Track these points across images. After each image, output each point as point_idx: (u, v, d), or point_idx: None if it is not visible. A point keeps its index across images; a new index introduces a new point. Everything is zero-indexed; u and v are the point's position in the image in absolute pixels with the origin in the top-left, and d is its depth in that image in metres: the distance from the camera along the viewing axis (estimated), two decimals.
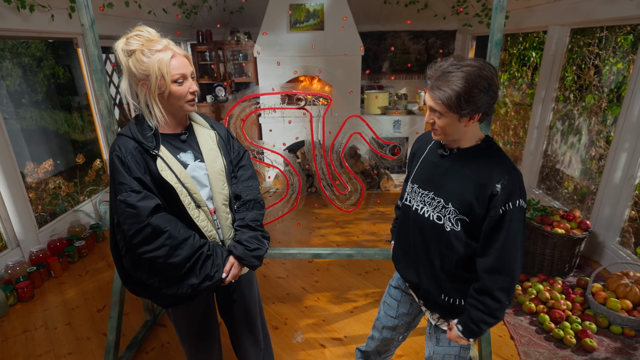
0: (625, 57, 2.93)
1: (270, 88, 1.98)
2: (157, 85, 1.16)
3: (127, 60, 1.16)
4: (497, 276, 1.10)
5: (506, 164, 1.11)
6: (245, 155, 1.48)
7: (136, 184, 1.15)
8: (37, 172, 3.36)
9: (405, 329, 1.53)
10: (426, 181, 1.24)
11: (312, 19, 4.25)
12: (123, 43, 1.16)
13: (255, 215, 1.38)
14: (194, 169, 1.27)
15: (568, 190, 3.59)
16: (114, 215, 1.20)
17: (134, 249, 1.17)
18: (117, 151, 1.16)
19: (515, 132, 4.57)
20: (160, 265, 1.18)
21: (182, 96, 1.20)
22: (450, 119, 1.09)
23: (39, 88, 3.61)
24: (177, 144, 1.28)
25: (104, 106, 1.77)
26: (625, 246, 2.79)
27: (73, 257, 3.06)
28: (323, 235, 3.45)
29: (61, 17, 2.98)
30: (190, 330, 1.43)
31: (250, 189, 1.41)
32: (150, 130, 1.21)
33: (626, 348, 2.11)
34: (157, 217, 1.15)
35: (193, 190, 1.23)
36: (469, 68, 1.03)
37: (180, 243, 1.17)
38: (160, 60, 1.13)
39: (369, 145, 2.11)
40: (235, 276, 1.31)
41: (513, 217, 1.07)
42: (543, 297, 2.44)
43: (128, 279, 1.30)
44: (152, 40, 1.16)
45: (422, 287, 1.28)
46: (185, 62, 1.19)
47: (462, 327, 1.20)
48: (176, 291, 1.22)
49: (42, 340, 2.24)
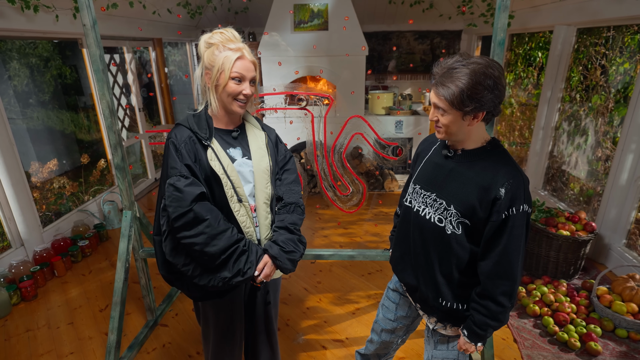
0: (632, 57, 2.88)
1: (272, 88, 1.98)
2: (216, 76, 1.24)
3: (205, 51, 1.27)
4: (499, 280, 1.09)
5: (511, 168, 1.09)
6: (291, 160, 1.53)
7: (186, 170, 1.22)
8: (42, 171, 3.39)
9: (404, 332, 1.52)
10: (428, 182, 1.22)
11: (317, 19, 4.25)
12: (208, 36, 1.27)
13: (295, 218, 1.41)
14: (240, 164, 1.33)
15: (574, 192, 3.54)
16: (161, 199, 1.27)
17: (174, 232, 1.22)
18: (173, 138, 1.25)
19: (521, 133, 4.53)
20: (197, 253, 1.22)
21: (234, 94, 1.26)
22: (453, 116, 1.07)
23: (46, 88, 3.64)
24: (229, 139, 1.35)
25: (105, 106, 1.77)
26: (632, 248, 2.75)
27: (77, 257, 3.07)
28: (326, 236, 3.44)
29: (66, 18, 3.00)
30: (218, 328, 1.45)
31: (292, 192, 1.45)
32: (206, 123, 1.30)
33: (632, 352, 2.08)
34: (200, 205, 1.20)
35: (237, 183, 1.29)
36: (474, 65, 1.02)
37: (218, 233, 1.21)
38: (227, 57, 1.23)
39: (371, 146, 2.10)
40: (268, 276, 1.33)
41: (516, 223, 1.05)
42: (547, 299, 2.41)
43: (165, 266, 1.35)
44: (231, 40, 1.26)
45: (420, 290, 1.26)
46: (249, 66, 1.27)
47: (467, 331, 1.18)
48: (208, 283, 1.26)
49: (45, 340, 2.25)
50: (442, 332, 1.30)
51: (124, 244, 1.94)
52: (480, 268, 1.13)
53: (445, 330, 1.29)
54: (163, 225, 1.26)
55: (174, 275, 1.35)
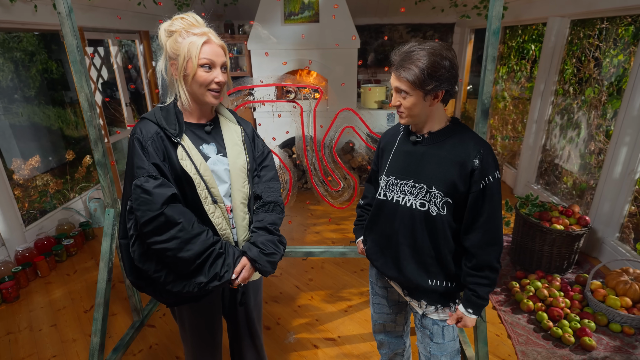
0: (626, 49, 2.85)
1: (259, 80, 1.90)
2: (183, 66, 1.14)
3: (167, 40, 1.17)
4: (490, 248, 1.15)
5: (477, 139, 1.17)
6: (269, 156, 1.44)
7: (154, 170, 1.11)
8: (24, 168, 3.28)
9: (405, 318, 1.52)
10: (403, 171, 1.24)
11: (307, 11, 4.16)
12: (168, 24, 1.17)
13: (274, 218, 1.34)
14: (215, 162, 1.23)
15: (567, 186, 3.53)
16: (127, 200, 1.16)
17: (144, 238, 1.12)
18: (138, 134, 1.14)
19: (514, 127, 4.51)
20: (169, 258, 1.13)
21: (205, 83, 1.16)
22: (415, 97, 1.11)
23: (32, 83, 3.52)
24: (201, 134, 1.24)
25: (84, 99, 1.69)
26: (625, 242, 2.73)
27: (61, 256, 2.98)
28: (318, 232, 3.39)
29: (45, 8, 2.88)
30: (195, 331, 1.38)
31: (271, 191, 1.37)
32: (175, 117, 1.18)
33: (625, 346, 2.06)
34: (172, 207, 1.11)
35: (211, 184, 1.20)
36: (430, 48, 1.09)
37: (192, 237, 1.12)
38: (192, 42, 1.13)
39: (363, 140, 2.04)
40: (246, 279, 1.25)
41: (494, 190, 1.13)
42: (541, 294, 2.39)
43: (133, 271, 1.24)
44: (194, 25, 1.17)
45: (406, 278, 1.26)
46: (218, 51, 1.17)
47: (472, 308, 1.21)
48: (182, 289, 1.17)
49: (26, 343, 2.17)
50: (433, 316, 1.30)
51: (107, 243, 1.87)
52: (469, 241, 1.17)
53: (436, 313, 1.29)
54: (130, 229, 1.16)
55: (145, 282, 1.25)
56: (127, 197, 1.16)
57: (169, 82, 1.21)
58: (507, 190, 4.28)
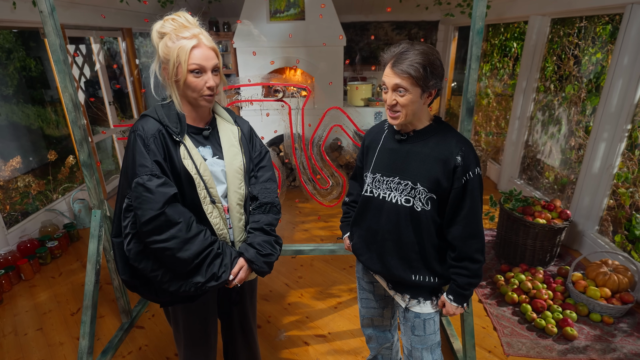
0: (604, 47, 2.94)
1: (246, 79, 1.90)
2: (174, 71, 1.13)
3: (158, 42, 1.15)
4: (471, 240, 1.20)
5: (459, 137, 1.21)
6: (266, 156, 1.43)
7: (157, 168, 1.10)
8: (4, 169, 3.20)
9: (391, 312, 1.56)
10: (388, 168, 1.26)
11: (293, 9, 4.15)
12: (159, 25, 1.15)
13: (271, 219, 1.34)
14: (211, 164, 1.23)
15: (549, 180, 3.62)
16: (123, 198, 1.13)
17: (143, 237, 1.11)
18: (140, 131, 1.12)
19: (497, 123, 4.59)
20: (167, 258, 1.12)
21: (198, 89, 1.15)
22: (414, 95, 1.12)
23: (9, 81, 3.42)
24: (199, 137, 1.24)
25: (68, 99, 1.66)
26: (604, 235, 2.83)
27: (45, 259, 2.93)
28: (307, 230, 3.40)
29: (24, 5, 2.81)
30: (190, 332, 1.37)
31: (268, 191, 1.37)
32: (176, 115, 1.17)
33: (605, 335, 2.14)
34: (172, 207, 1.10)
35: (210, 184, 1.20)
36: (421, 49, 1.11)
37: (191, 237, 1.12)
38: (181, 47, 1.10)
39: (350, 138, 2.06)
40: (242, 280, 1.26)
41: (475, 185, 1.17)
42: (525, 287, 2.46)
43: (127, 270, 1.22)
44: (185, 27, 1.14)
45: (390, 272, 1.30)
46: (208, 54, 1.14)
47: (453, 296, 1.27)
48: (179, 289, 1.16)
49: (11, 348, 2.13)
50: (415, 309, 1.33)
51: (94, 244, 1.84)
52: (451, 234, 1.22)
53: (419, 306, 1.33)
54: (126, 228, 1.13)
55: (139, 281, 1.23)
56: (123, 194, 1.13)
57: (162, 84, 1.20)
58: (491, 185, 4.37)
